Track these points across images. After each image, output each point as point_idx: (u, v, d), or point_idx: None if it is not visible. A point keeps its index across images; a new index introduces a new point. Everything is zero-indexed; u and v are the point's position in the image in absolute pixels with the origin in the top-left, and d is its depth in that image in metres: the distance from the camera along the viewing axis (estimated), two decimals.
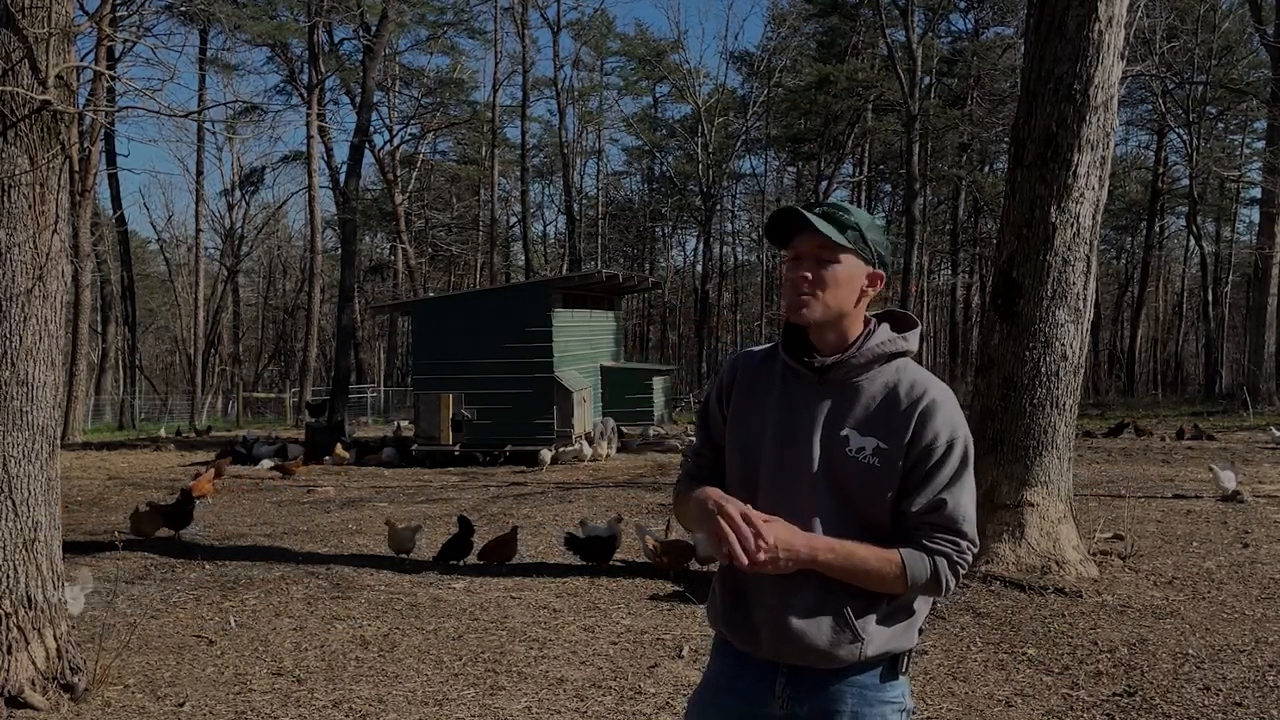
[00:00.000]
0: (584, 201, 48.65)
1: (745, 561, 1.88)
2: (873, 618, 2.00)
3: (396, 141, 39.23)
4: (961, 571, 2.00)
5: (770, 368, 2.13)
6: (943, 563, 1.97)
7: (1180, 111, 32.64)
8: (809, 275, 2.01)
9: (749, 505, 1.95)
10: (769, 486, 2.03)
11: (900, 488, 1.99)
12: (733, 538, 1.88)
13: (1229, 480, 10.19)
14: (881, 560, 1.95)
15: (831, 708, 2.03)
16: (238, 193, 42.21)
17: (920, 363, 2.14)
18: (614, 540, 7.58)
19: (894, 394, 2.01)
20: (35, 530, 4.69)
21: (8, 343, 4.61)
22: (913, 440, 1.98)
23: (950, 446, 1.98)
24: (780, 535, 1.91)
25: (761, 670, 2.07)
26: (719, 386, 2.18)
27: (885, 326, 2.08)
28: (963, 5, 38.32)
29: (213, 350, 40.84)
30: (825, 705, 2.03)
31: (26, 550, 4.65)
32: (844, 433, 2.00)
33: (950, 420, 2.00)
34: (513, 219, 45.88)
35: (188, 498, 9.18)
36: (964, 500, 2.00)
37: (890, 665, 2.06)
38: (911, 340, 2.08)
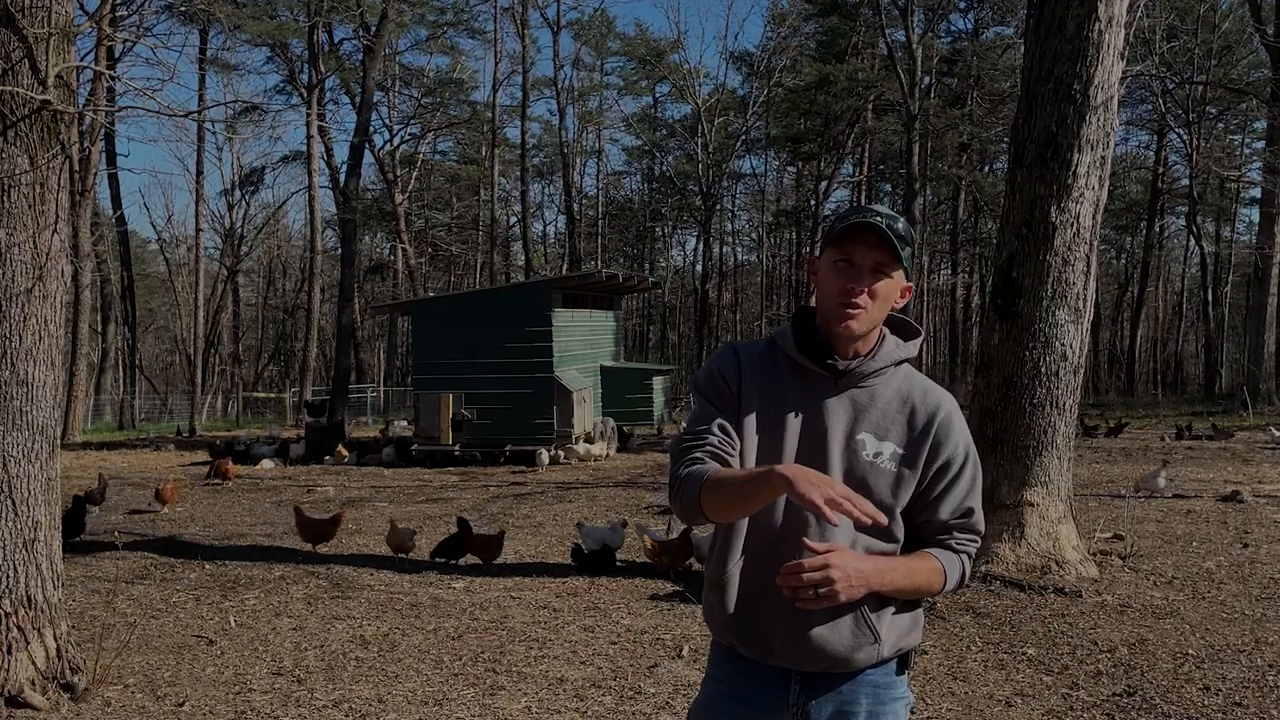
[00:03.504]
0: (584, 201, 48.66)
1: (868, 522, 1.76)
2: (887, 616, 2.01)
3: (396, 141, 39.25)
4: (971, 565, 2.11)
5: (772, 364, 2.08)
6: (967, 560, 2.07)
7: (1180, 111, 32.64)
8: (865, 289, 1.98)
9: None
10: None
11: (921, 496, 2.04)
12: (846, 506, 1.74)
13: (1162, 481, 10.41)
14: (929, 570, 2.02)
15: (847, 709, 2.03)
16: (238, 193, 42.25)
17: (920, 364, 2.15)
18: (612, 550, 7.56)
19: (909, 402, 2.05)
20: (35, 530, 4.69)
21: (8, 343, 4.61)
22: (933, 454, 2.03)
23: (967, 456, 2.06)
24: (850, 563, 1.86)
25: (772, 677, 2.04)
26: (722, 369, 2.07)
27: (888, 332, 2.09)
28: (963, 5, 38.35)
29: (213, 350, 40.83)
30: (840, 707, 2.03)
31: (26, 550, 4.65)
32: (860, 436, 2.02)
33: (964, 430, 2.08)
34: (513, 219, 45.91)
35: (79, 504, 8.73)
36: (980, 504, 2.10)
37: (901, 662, 2.07)
38: (914, 347, 2.11)
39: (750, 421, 2.03)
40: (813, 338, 2.05)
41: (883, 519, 1.81)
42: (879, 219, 1.97)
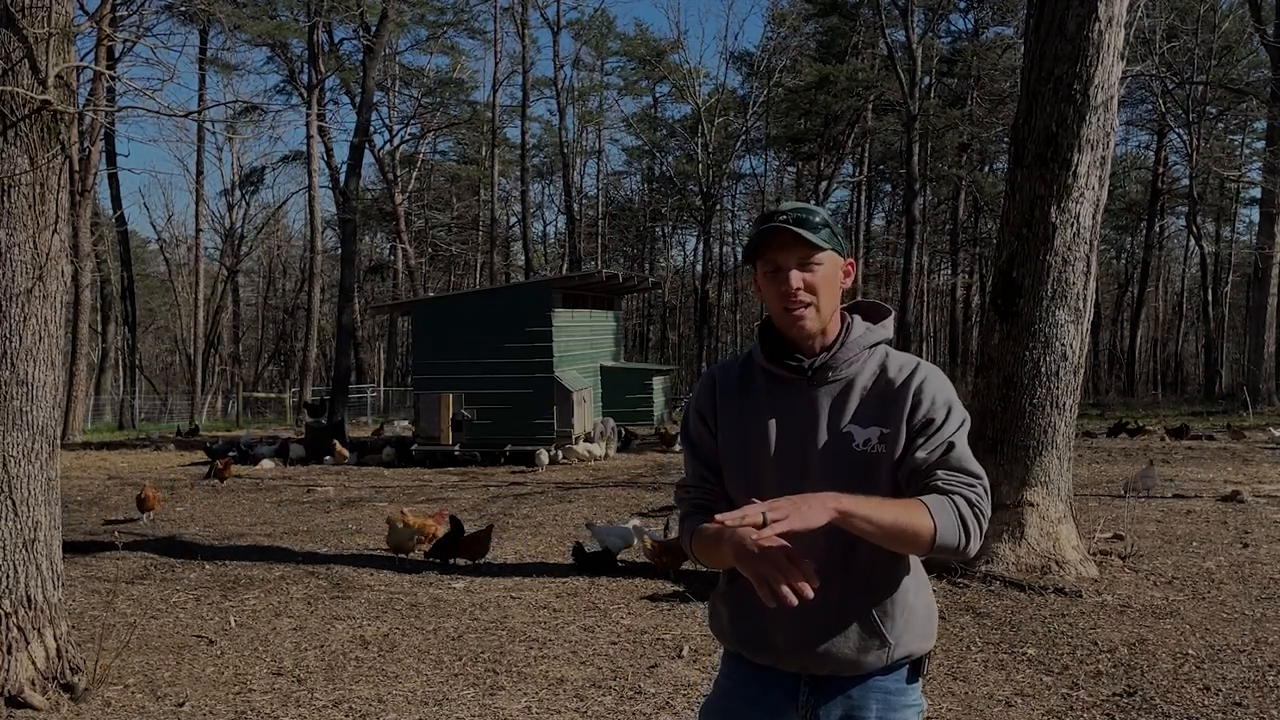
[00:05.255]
0: (584, 201, 48.66)
1: (794, 601, 1.76)
2: (897, 620, 1.99)
3: (396, 141, 39.28)
4: (983, 518, 1.92)
5: (750, 377, 2.11)
6: (962, 503, 1.90)
7: (1180, 111, 32.64)
8: (800, 286, 1.98)
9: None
10: (775, 494, 1.98)
11: (904, 452, 1.97)
12: (783, 583, 1.76)
13: (1147, 482, 10.45)
14: (906, 507, 1.86)
15: (856, 714, 2.02)
16: (238, 193, 42.28)
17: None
18: (612, 551, 7.58)
19: (884, 378, 2.02)
20: (35, 530, 4.69)
21: (8, 343, 4.61)
22: (911, 412, 1.98)
23: (949, 408, 1.99)
24: (794, 498, 1.79)
25: (781, 681, 2.04)
26: (700, 406, 2.14)
27: (858, 318, 2.09)
28: (963, 5, 38.36)
29: (213, 350, 40.83)
30: (849, 712, 2.02)
31: (26, 550, 4.65)
32: (846, 429, 2.00)
33: (944, 389, 2.01)
34: (513, 219, 45.91)
35: None
36: (967, 447, 1.98)
37: (913, 669, 2.05)
38: (888, 327, 2.08)
39: (731, 444, 2.08)
40: (779, 343, 2.07)
41: (809, 593, 1.75)
42: (783, 217, 1.97)
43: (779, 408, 2.04)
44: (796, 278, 1.98)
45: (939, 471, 1.94)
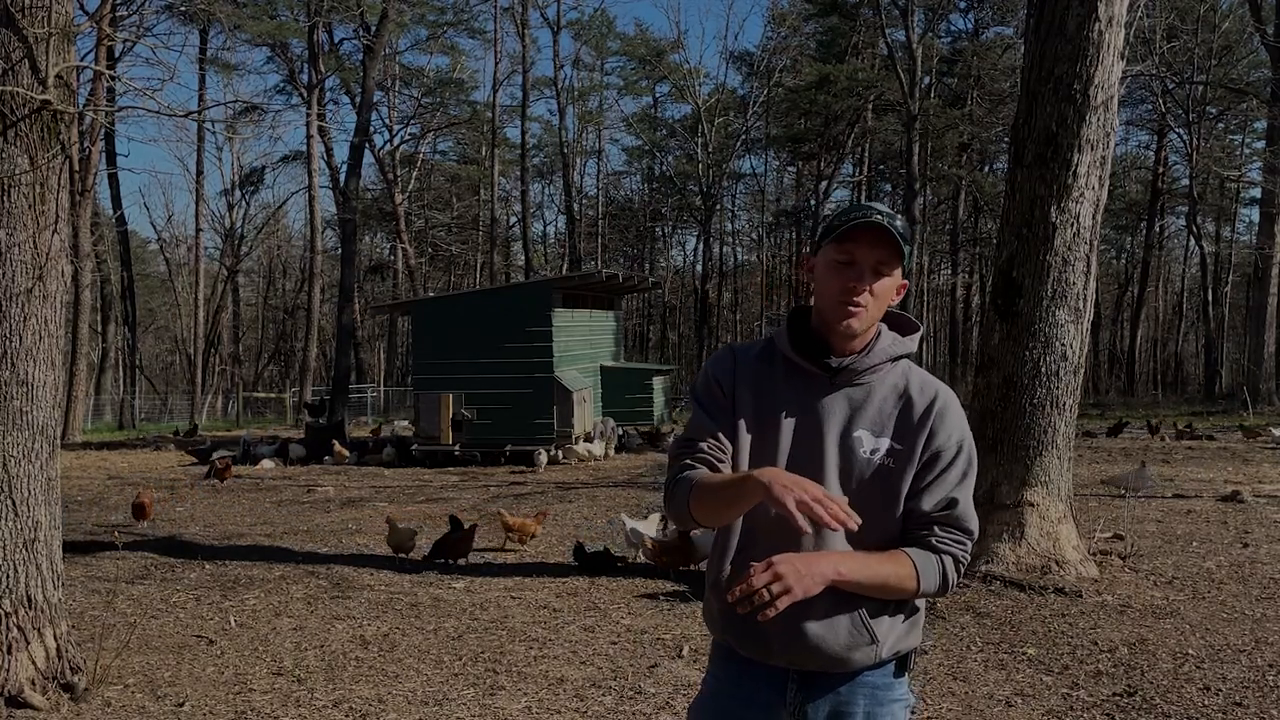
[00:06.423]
0: (584, 201, 48.66)
1: (836, 526, 1.76)
2: (885, 618, 2.00)
3: (396, 141, 39.27)
4: (963, 568, 2.03)
5: (769, 364, 2.09)
6: (949, 561, 2.00)
7: (1180, 111, 32.66)
8: (866, 288, 1.97)
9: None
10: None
11: (911, 486, 2.00)
12: (816, 510, 1.75)
13: (1140, 480, 10.34)
14: (895, 567, 1.96)
15: (844, 710, 2.03)
16: (238, 192, 42.27)
17: (920, 363, 2.15)
18: (612, 554, 7.60)
19: (905, 395, 2.03)
20: (35, 530, 4.69)
21: (8, 343, 4.61)
22: (928, 442, 2.00)
23: (960, 448, 2.02)
24: (798, 559, 1.86)
25: (771, 676, 2.04)
26: (717, 374, 2.09)
27: (885, 327, 2.09)
28: (963, 5, 38.36)
29: (213, 350, 40.82)
30: (837, 708, 2.03)
31: (26, 550, 4.65)
32: (857, 434, 2.00)
33: (960, 422, 2.04)
34: (513, 219, 45.91)
35: None
36: (970, 499, 2.04)
37: (900, 664, 2.06)
38: (913, 342, 2.09)
39: (744, 423, 2.05)
40: (808, 336, 2.06)
41: (854, 523, 1.77)
42: (881, 217, 1.96)
43: (795, 400, 2.03)
44: (868, 278, 1.98)
45: (936, 528, 2.00)
